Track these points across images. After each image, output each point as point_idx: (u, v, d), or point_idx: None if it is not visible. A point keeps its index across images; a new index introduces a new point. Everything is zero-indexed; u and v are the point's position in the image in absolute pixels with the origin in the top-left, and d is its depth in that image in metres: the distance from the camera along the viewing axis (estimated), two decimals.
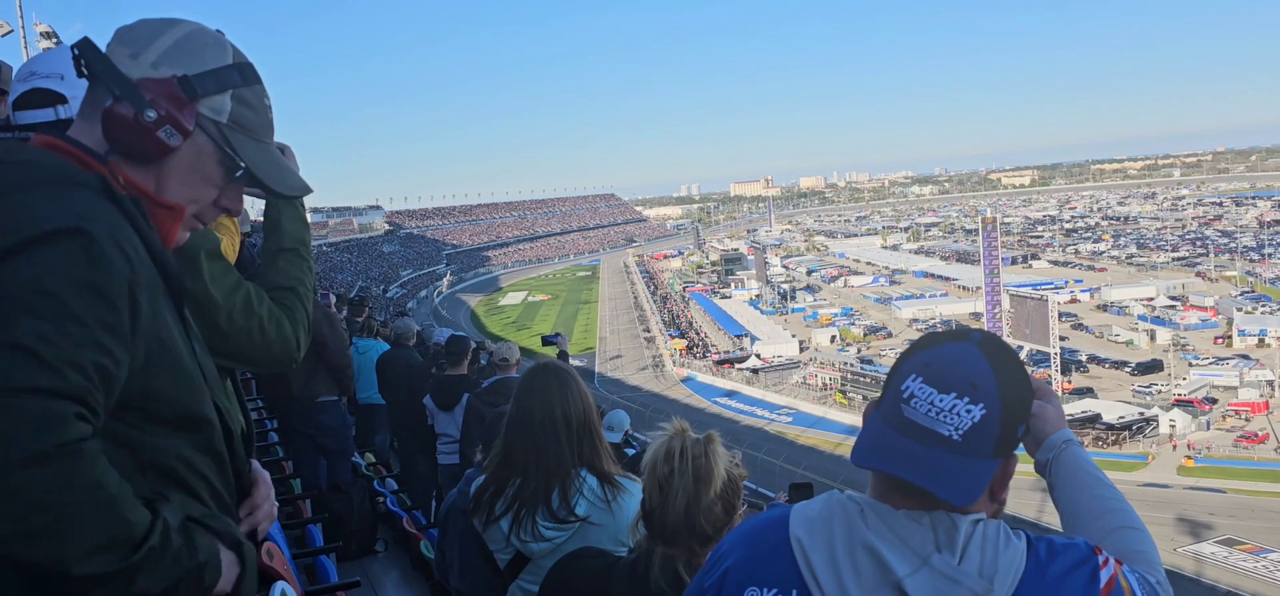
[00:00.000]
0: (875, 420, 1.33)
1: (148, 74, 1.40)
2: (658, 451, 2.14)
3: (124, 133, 1.38)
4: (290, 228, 2.16)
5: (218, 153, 1.48)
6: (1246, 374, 52.88)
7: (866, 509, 1.28)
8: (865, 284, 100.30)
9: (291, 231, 2.16)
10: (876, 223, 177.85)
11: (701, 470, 2.11)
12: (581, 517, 2.74)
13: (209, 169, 1.49)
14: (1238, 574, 31.19)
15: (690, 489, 2.11)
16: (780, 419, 53.75)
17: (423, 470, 7.99)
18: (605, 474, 2.83)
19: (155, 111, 1.39)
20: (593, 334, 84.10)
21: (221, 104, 1.47)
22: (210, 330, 1.89)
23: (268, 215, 2.16)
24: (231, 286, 1.97)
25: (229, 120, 1.48)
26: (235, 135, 1.49)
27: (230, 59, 1.49)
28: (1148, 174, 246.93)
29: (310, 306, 2.15)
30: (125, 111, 1.38)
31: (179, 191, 1.46)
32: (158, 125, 1.39)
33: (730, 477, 2.16)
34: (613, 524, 2.77)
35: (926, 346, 1.33)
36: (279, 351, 2.05)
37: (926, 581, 1.19)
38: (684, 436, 2.14)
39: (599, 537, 2.72)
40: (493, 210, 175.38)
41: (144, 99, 1.38)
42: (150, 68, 1.41)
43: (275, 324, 2.03)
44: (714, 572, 1.41)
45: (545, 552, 2.76)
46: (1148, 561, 1.37)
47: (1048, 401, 1.57)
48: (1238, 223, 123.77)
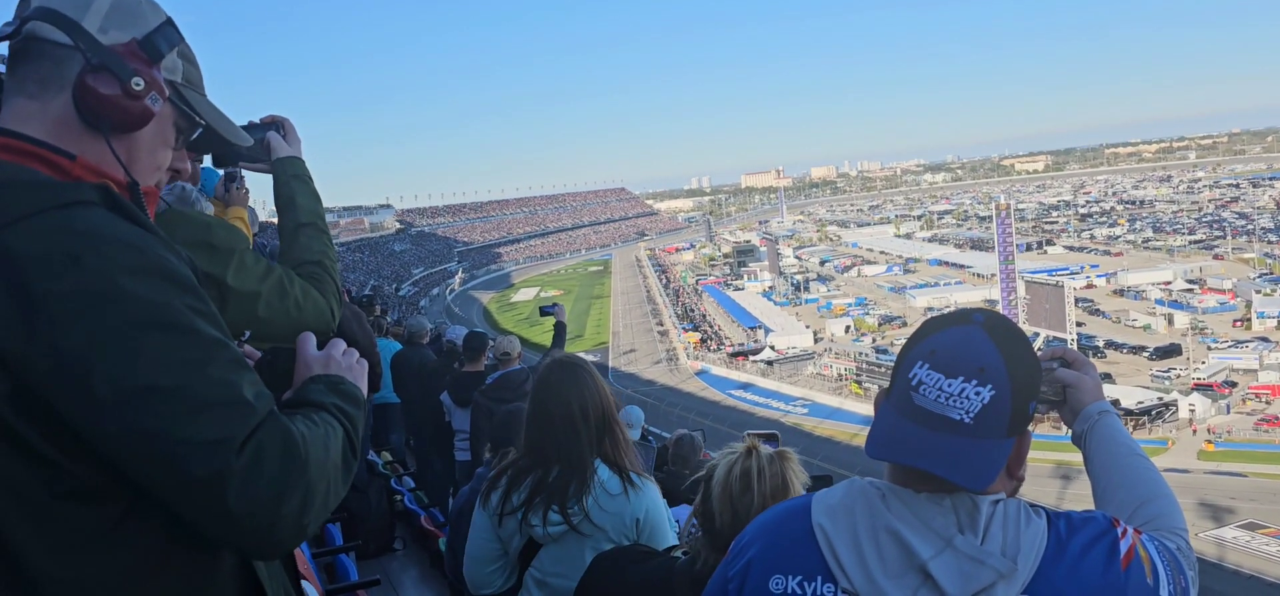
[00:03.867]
0: (886, 410, 1.33)
1: (106, 40, 1.33)
2: (732, 471, 2.09)
3: (107, 107, 1.32)
4: (305, 201, 2.14)
5: (176, 114, 1.46)
6: (1266, 356, 52.36)
7: (888, 494, 1.29)
8: (879, 273, 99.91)
9: (306, 206, 2.14)
10: (889, 211, 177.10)
11: (778, 490, 2.08)
12: (589, 508, 2.76)
13: (169, 134, 1.46)
14: (1260, 558, 30.92)
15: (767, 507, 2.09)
16: (796, 410, 53.63)
17: (439, 468, 8.01)
18: (623, 468, 2.85)
19: (141, 79, 1.34)
20: (606, 329, 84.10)
21: (174, 63, 1.44)
22: (251, 319, 1.92)
23: (280, 193, 2.14)
24: (263, 273, 1.99)
25: (182, 78, 1.46)
26: (189, 92, 1.48)
27: (165, 15, 1.42)
28: (1163, 157, 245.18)
29: (337, 276, 2.15)
30: (105, 84, 1.31)
31: (146, 162, 1.43)
32: (145, 92, 1.35)
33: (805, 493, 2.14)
34: (621, 516, 2.79)
35: (931, 332, 1.33)
36: (315, 325, 2.05)
37: (951, 562, 1.20)
38: (758, 456, 2.10)
39: (605, 525, 2.75)
40: (503, 206, 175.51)
41: (129, 67, 1.33)
42: (99, 33, 1.32)
43: (311, 300, 2.04)
44: (737, 562, 1.40)
45: (556, 537, 2.78)
46: (1172, 529, 1.39)
47: (1085, 372, 1.61)
48: (1254, 204, 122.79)
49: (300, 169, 2.17)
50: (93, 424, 1.11)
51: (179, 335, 1.16)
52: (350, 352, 1.56)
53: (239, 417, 1.16)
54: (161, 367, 1.13)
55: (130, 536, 1.19)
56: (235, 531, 1.16)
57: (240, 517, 1.14)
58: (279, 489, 1.17)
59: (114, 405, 1.10)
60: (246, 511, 1.14)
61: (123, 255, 1.16)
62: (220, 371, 1.17)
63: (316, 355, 1.52)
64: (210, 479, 1.12)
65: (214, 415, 1.14)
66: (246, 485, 1.14)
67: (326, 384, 1.45)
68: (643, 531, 2.80)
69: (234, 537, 1.18)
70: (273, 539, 1.19)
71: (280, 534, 1.19)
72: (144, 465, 1.13)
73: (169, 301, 1.17)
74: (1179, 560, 1.30)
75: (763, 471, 2.07)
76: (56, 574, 1.15)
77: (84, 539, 1.17)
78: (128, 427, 1.11)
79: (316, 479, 1.23)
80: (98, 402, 1.10)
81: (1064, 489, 34.08)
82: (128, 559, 1.20)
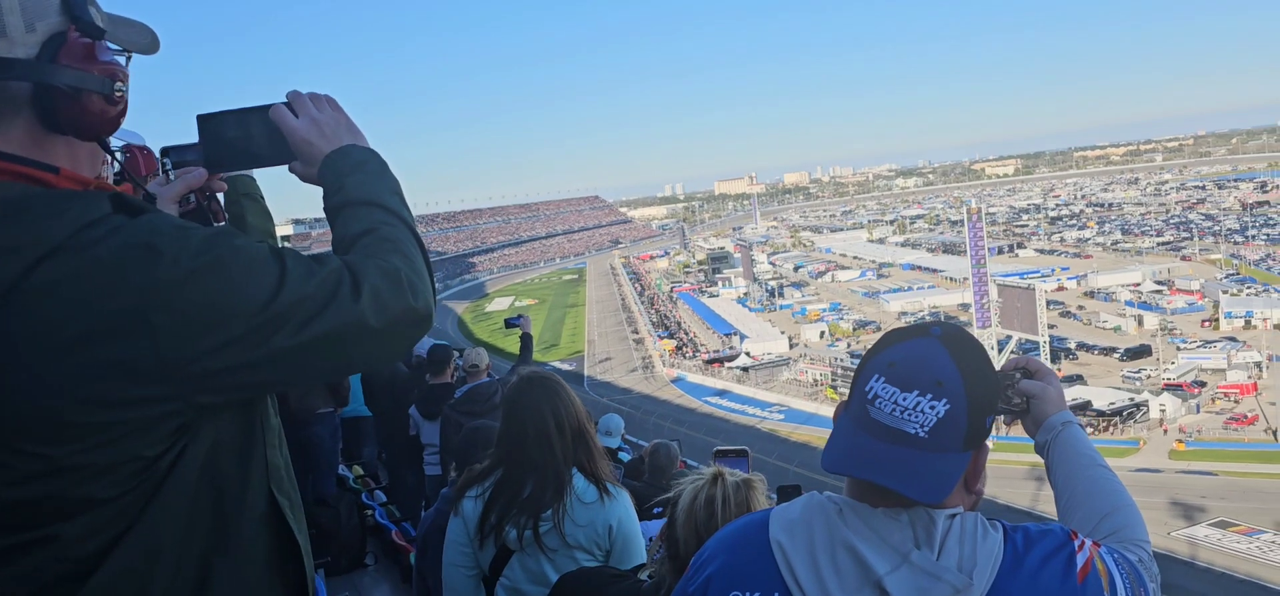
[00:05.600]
0: (844, 422, 1.33)
1: (52, 31, 1.24)
2: (697, 499, 2.06)
3: (89, 119, 1.29)
4: (255, 221, 2.02)
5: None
6: (1234, 356, 53.22)
7: (846, 509, 1.29)
8: (853, 278, 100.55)
9: (257, 225, 2.01)
10: (862, 216, 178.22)
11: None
12: (563, 516, 2.79)
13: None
14: (1231, 556, 31.37)
15: None
16: (772, 417, 53.78)
17: (411, 482, 7.89)
18: (598, 477, 2.89)
19: (117, 81, 1.31)
20: (581, 337, 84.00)
21: (94, 15, 1.34)
22: None
23: (231, 212, 2.01)
24: None
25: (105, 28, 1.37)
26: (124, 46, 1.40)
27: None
28: (1130, 160, 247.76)
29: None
30: (90, 102, 1.28)
31: (98, 153, 1.37)
32: (124, 93, 1.32)
33: None
34: (594, 526, 2.82)
35: (889, 344, 1.33)
36: None
37: (907, 578, 1.20)
38: (724, 483, 2.07)
39: (579, 535, 2.78)
40: (476, 216, 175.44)
41: (105, 81, 1.29)
42: (26, 31, 1.22)
43: None
44: (697, 578, 1.40)
45: (526, 546, 2.80)
46: (1134, 540, 1.41)
47: (1048, 383, 1.64)
48: (1220, 205, 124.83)
49: (252, 187, 2.05)
50: (235, 359, 1.19)
51: (261, 263, 1.22)
52: (323, 104, 1.55)
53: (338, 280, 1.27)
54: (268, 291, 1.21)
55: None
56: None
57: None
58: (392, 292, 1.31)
59: (250, 334, 1.19)
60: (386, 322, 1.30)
61: (181, 235, 1.19)
62: (302, 266, 1.26)
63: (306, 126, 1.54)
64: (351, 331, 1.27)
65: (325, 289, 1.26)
66: (377, 310, 1.29)
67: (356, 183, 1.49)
68: (616, 539, 2.83)
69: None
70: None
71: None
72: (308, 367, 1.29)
73: (233, 245, 1.22)
74: (1139, 572, 1.30)
75: (727, 499, 2.05)
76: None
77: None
78: (287, 344, 1.21)
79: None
80: (237, 339, 1.18)
81: (1040, 490, 34.40)
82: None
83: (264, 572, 1.37)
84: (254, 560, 1.35)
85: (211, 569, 1.27)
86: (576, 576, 2.49)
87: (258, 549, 1.36)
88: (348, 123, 1.58)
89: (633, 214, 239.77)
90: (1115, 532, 1.40)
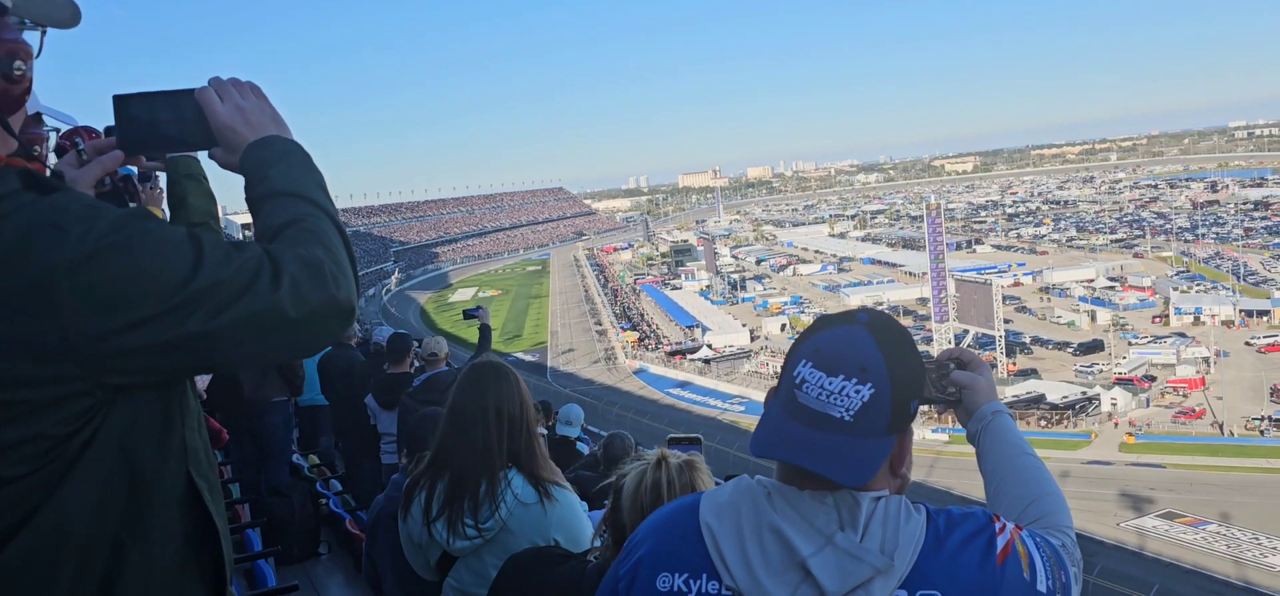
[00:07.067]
0: (773, 407, 1.34)
1: None
2: (643, 483, 2.10)
3: (6, 100, 1.28)
4: (197, 202, 1.98)
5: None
6: (1183, 351, 54.50)
7: (773, 492, 1.30)
8: (814, 272, 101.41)
9: (198, 206, 1.98)
10: (823, 211, 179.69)
11: None
12: (503, 519, 2.66)
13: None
14: (1178, 546, 32.17)
15: None
16: (733, 408, 54.07)
17: (369, 470, 7.85)
18: (538, 477, 2.74)
19: (18, 60, 1.29)
20: (544, 328, 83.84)
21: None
22: None
23: (172, 192, 1.98)
24: None
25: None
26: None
27: None
28: (1085, 158, 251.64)
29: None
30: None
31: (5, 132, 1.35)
32: (26, 70, 1.30)
33: None
34: (537, 529, 2.68)
35: (817, 331, 1.34)
36: None
37: (830, 559, 1.22)
38: (668, 467, 2.11)
39: (520, 544, 2.63)
40: (440, 206, 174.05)
41: (10, 60, 1.27)
42: None
43: None
44: (628, 561, 1.42)
45: (468, 550, 2.69)
46: (1058, 526, 1.43)
47: (979, 373, 1.67)
48: (1172, 205, 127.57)
49: (195, 168, 2.00)
50: (146, 340, 1.16)
51: (174, 246, 1.20)
52: (247, 91, 1.52)
53: (257, 265, 1.24)
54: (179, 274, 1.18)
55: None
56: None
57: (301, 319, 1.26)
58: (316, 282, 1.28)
59: (160, 316, 1.16)
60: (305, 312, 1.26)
61: (90, 215, 1.17)
62: (220, 251, 1.23)
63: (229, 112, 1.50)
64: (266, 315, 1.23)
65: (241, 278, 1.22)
66: (296, 300, 1.25)
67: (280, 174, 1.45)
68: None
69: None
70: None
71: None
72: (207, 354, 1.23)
73: (145, 227, 1.19)
74: (1060, 555, 1.32)
75: (672, 482, 2.08)
76: None
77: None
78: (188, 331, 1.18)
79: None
80: (146, 321, 1.16)
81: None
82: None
83: (179, 554, 1.37)
84: (170, 542, 1.35)
85: (124, 550, 1.26)
86: (523, 556, 2.49)
87: (174, 531, 1.35)
88: (272, 112, 1.54)
89: (597, 206, 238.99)
90: (1040, 518, 1.44)
